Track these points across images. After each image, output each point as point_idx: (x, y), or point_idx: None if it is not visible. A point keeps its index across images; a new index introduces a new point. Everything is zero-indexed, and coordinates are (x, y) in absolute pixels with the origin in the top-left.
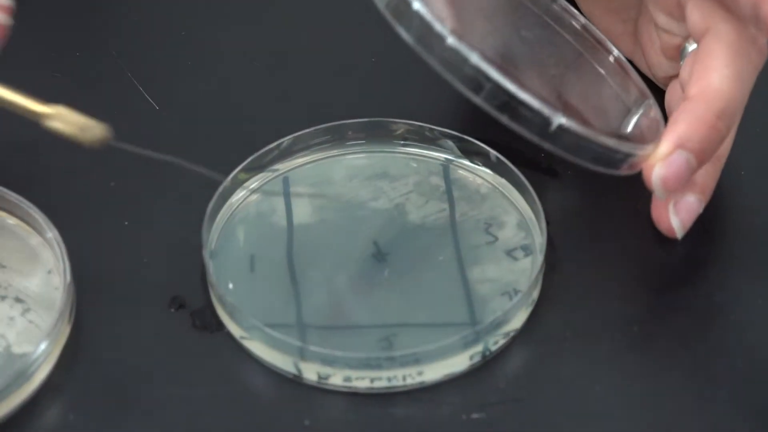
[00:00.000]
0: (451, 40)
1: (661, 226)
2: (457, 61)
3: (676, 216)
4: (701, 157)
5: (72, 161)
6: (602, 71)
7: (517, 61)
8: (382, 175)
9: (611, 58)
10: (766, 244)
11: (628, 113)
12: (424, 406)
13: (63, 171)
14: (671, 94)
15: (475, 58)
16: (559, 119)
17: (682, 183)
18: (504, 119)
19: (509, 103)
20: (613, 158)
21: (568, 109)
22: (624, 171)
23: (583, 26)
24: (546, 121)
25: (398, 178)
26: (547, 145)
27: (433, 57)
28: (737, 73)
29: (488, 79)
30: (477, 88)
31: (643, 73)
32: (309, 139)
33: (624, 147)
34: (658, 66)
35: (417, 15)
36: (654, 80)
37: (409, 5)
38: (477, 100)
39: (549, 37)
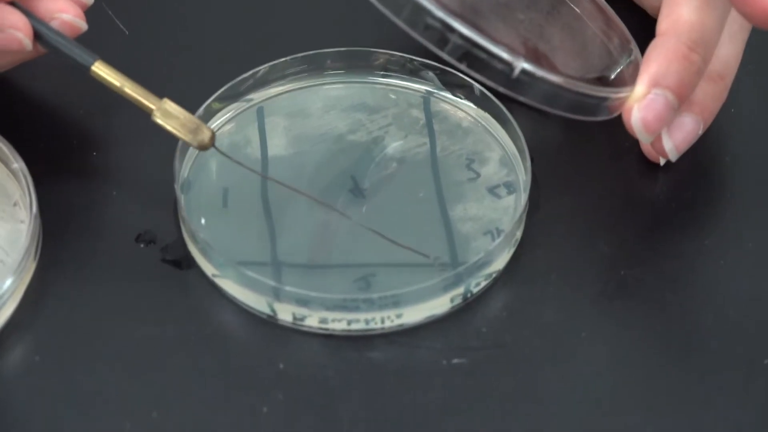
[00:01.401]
0: None
1: (653, 150)
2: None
3: (669, 138)
4: (680, 92)
5: (39, 88)
6: (582, 16)
7: (481, 5)
8: (361, 107)
9: (591, 2)
10: (758, 185)
11: (611, 60)
12: (403, 349)
13: (30, 99)
14: None
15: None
16: (522, 64)
17: (665, 123)
18: (463, 67)
19: (467, 49)
20: (587, 104)
21: (538, 56)
22: (602, 116)
23: None
24: (508, 67)
25: (377, 110)
26: (514, 95)
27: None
28: (706, 2)
29: (442, 23)
30: (438, 38)
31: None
32: (285, 68)
33: (597, 91)
34: None
35: None
36: (648, 11)
37: None
38: (428, 45)
39: None
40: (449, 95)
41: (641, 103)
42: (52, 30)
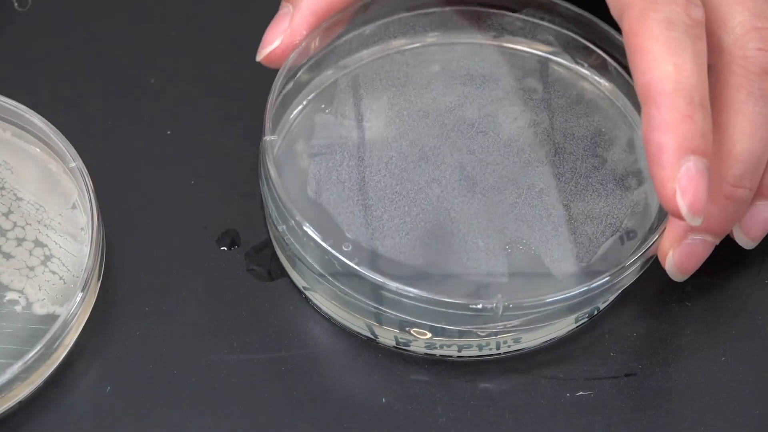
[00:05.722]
0: None
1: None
2: None
3: (742, 232)
4: (724, 230)
5: (96, 69)
6: None
7: None
8: (468, 77)
9: None
10: None
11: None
12: (520, 380)
13: (86, 86)
14: None
15: None
16: None
17: (703, 260)
18: None
19: None
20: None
21: None
22: None
23: None
24: None
25: (488, 79)
26: None
27: None
28: (756, 122)
29: None
30: None
31: None
32: (381, 31)
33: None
34: None
35: None
36: None
37: None
38: None
39: None
40: (570, 63)
41: (677, 249)
42: None
